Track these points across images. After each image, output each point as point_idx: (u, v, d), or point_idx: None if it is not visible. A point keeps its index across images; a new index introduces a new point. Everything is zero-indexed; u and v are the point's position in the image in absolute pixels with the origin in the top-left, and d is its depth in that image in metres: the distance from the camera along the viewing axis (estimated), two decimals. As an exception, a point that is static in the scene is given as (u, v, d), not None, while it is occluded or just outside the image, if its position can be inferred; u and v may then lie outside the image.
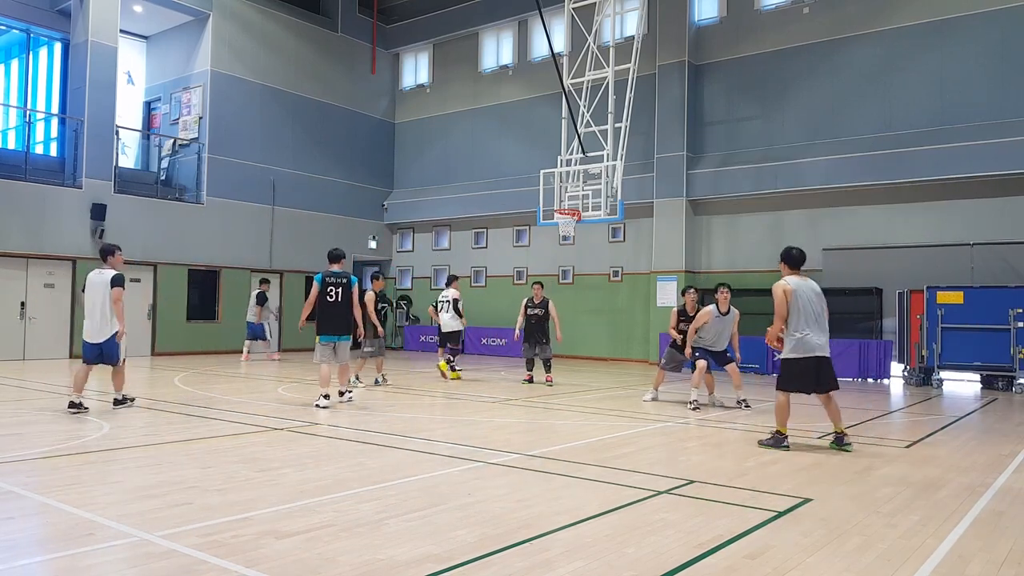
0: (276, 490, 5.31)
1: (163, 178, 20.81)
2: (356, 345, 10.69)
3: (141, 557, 3.85)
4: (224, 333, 20.26)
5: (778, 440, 7.32)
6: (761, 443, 7.45)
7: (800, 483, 5.87)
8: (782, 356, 7.34)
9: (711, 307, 10.16)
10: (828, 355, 7.33)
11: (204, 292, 20.30)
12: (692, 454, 7.06)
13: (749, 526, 4.59)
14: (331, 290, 9.76)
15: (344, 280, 9.84)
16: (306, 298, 10.22)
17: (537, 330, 13.29)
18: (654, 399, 11.18)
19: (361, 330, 10.20)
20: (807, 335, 7.18)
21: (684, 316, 10.69)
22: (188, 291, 19.78)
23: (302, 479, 5.66)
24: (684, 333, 10.50)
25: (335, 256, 10.00)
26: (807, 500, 5.29)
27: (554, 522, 4.59)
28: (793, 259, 7.49)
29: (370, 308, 12.02)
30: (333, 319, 9.79)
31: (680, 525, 4.60)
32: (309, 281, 22.20)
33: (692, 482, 5.79)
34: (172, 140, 21.04)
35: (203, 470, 5.91)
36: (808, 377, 7.21)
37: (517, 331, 13.40)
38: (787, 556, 4.06)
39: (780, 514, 4.90)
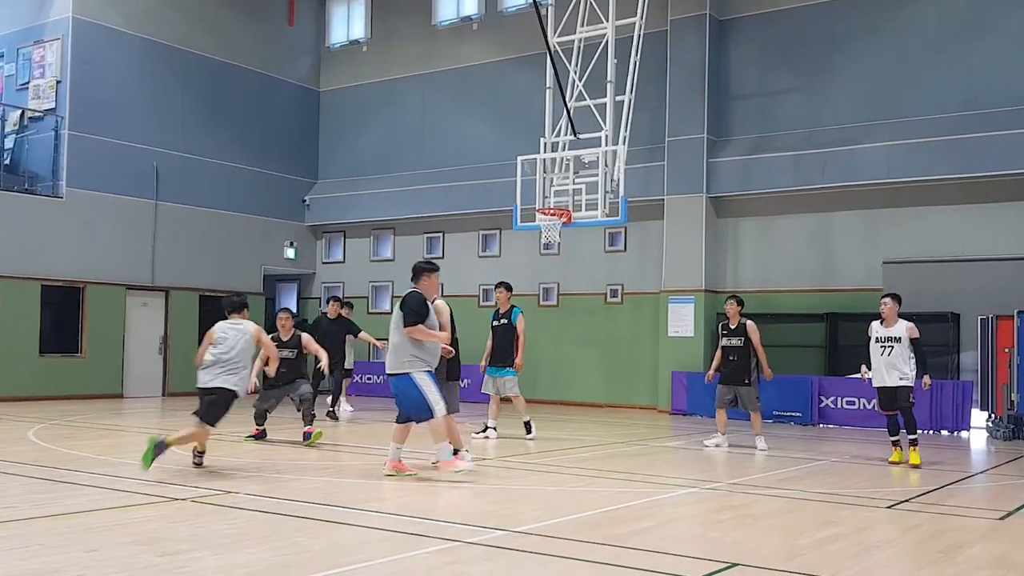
0: (190, 579, 5.36)
1: (7, 162, 20.64)
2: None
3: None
4: (90, 371, 20.02)
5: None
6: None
7: (872, 566, 6.06)
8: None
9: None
10: None
11: (62, 316, 20.12)
12: (728, 529, 7.23)
13: (814, 621, 4.76)
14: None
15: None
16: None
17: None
18: (717, 445, 12.43)
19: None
20: None
21: (726, 329, 12.39)
22: (41, 315, 19.60)
23: (223, 566, 5.70)
24: (723, 348, 12.27)
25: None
26: (883, 588, 5.48)
27: (562, 617, 4.72)
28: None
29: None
30: None
31: (725, 620, 4.76)
32: (206, 301, 22.09)
33: (735, 565, 5.95)
34: (20, 111, 20.89)
35: (88, 554, 5.92)
36: None
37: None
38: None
39: (851, 605, 5.08)
